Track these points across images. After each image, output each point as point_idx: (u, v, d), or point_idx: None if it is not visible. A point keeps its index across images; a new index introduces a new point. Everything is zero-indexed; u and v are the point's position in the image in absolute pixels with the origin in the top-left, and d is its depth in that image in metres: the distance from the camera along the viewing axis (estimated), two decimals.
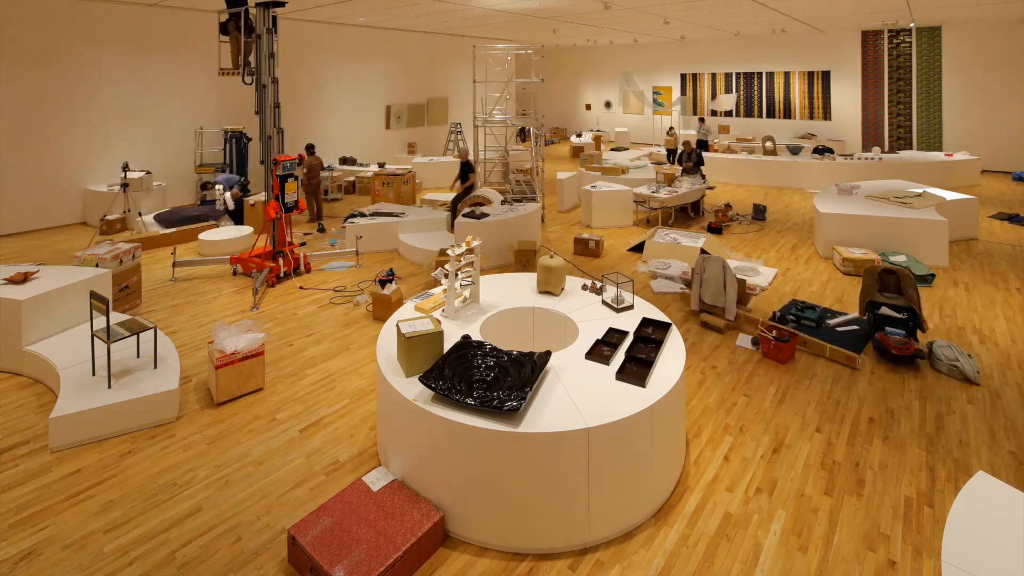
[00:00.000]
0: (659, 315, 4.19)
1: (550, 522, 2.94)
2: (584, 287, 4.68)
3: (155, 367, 4.41)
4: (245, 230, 8.41)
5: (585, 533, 2.98)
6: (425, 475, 3.15)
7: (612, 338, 3.80)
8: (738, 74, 18.11)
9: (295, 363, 4.98)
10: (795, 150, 13.47)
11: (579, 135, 19.61)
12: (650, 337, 3.77)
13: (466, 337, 3.61)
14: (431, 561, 2.91)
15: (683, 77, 19.43)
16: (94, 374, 4.27)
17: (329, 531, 2.87)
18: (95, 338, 4.34)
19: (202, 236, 8.04)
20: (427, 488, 3.15)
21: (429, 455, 3.11)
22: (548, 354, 3.44)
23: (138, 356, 4.55)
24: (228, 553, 2.98)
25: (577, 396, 3.17)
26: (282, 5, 6.92)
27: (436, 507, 3.06)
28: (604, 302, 4.38)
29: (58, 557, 2.95)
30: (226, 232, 8.28)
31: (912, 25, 14.11)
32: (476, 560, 2.92)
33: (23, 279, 5.04)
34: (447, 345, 3.58)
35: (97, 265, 5.68)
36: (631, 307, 4.29)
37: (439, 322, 3.55)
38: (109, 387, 4.12)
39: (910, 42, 14.71)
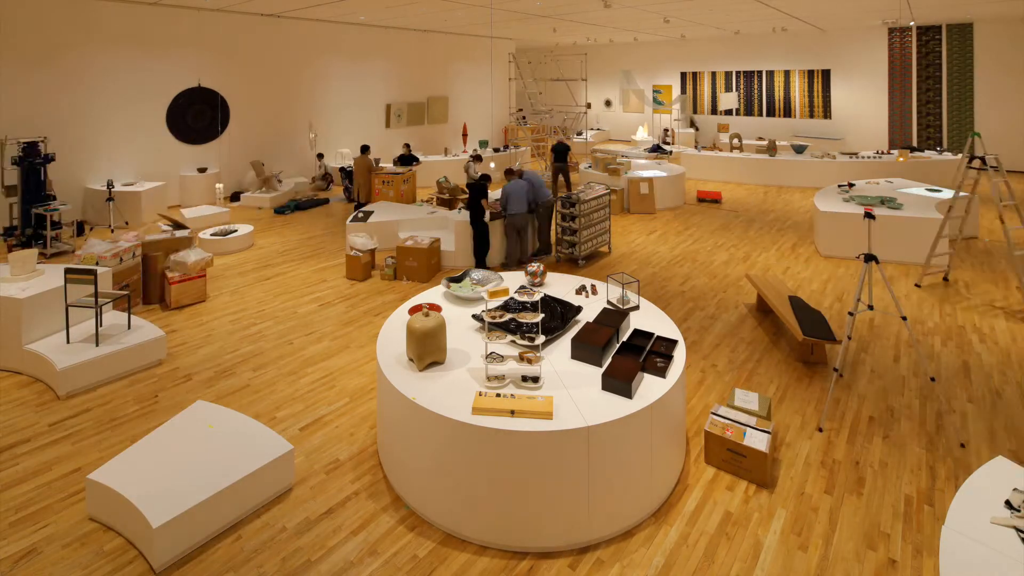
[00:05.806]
0: (663, 318, 4.19)
1: (550, 520, 2.94)
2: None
3: (128, 327, 4.98)
4: (245, 228, 8.41)
5: (585, 532, 2.98)
6: (425, 474, 3.15)
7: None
8: (738, 73, 18.08)
9: (295, 361, 4.98)
10: (799, 149, 13.46)
11: (579, 133, 19.55)
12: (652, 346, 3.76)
13: None
14: (431, 560, 2.91)
15: (683, 76, 19.42)
16: (68, 342, 4.73)
17: None
18: (71, 308, 4.81)
19: (201, 235, 8.04)
20: (427, 487, 3.15)
21: (429, 454, 3.11)
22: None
23: (100, 325, 4.88)
24: (228, 551, 2.99)
25: (577, 395, 3.18)
26: None
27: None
28: (609, 302, 4.35)
29: (58, 556, 2.95)
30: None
31: (938, 23, 13.48)
32: (476, 559, 2.92)
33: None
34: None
35: (97, 263, 5.67)
36: (637, 307, 4.26)
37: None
38: (97, 345, 4.69)
39: (940, 39, 14.20)
